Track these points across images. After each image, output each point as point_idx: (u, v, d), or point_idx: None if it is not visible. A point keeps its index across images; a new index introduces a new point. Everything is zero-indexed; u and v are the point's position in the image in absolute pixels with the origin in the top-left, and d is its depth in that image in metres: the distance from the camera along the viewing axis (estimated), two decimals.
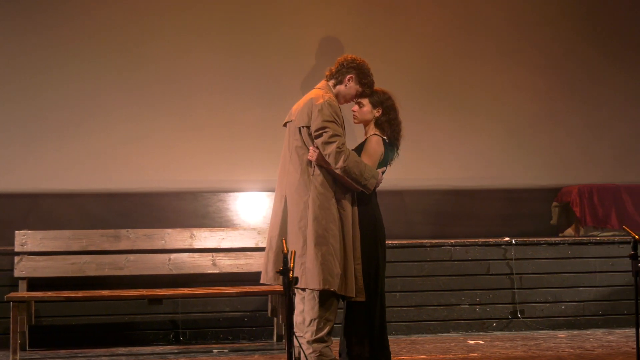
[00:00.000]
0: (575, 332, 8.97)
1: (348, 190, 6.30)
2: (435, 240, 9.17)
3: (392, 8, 10.82)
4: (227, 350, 8.14)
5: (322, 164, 6.23)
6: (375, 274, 6.39)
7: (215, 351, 8.12)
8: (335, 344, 6.56)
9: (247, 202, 10.38)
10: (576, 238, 9.84)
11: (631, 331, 8.50)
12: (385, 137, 6.54)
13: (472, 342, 8.43)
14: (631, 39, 11.33)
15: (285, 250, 5.30)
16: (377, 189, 6.50)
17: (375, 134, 6.53)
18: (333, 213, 6.19)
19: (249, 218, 10.33)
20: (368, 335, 6.37)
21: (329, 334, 6.28)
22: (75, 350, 8.17)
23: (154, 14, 10.28)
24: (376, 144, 6.48)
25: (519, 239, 9.23)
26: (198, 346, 8.39)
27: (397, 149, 6.63)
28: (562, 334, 8.86)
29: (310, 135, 6.25)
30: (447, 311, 8.97)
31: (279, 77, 10.39)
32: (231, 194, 10.34)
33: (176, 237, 8.51)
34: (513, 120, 11.02)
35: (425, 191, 10.72)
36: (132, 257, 8.41)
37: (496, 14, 11.07)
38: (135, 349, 8.24)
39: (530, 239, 9.33)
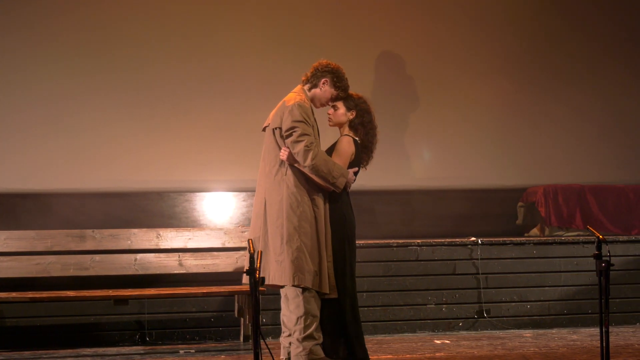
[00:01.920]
0: (541, 331, 9.01)
1: (321, 190, 6.44)
2: (402, 240, 9.18)
3: (364, 11, 10.84)
4: (193, 351, 8.10)
5: (292, 162, 6.39)
6: (343, 272, 6.46)
7: (181, 352, 8.08)
8: None
9: (213, 203, 10.36)
10: (541, 238, 9.88)
11: (595, 330, 8.56)
12: (357, 139, 6.62)
13: (438, 341, 8.44)
14: (596, 40, 11.45)
15: (252, 251, 5.32)
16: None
17: (346, 135, 6.65)
18: (305, 211, 6.34)
19: (216, 218, 10.33)
20: (343, 333, 6.45)
21: (317, 330, 6.37)
22: (40, 352, 8.09)
23: (126, 19, 10.29)
24: (347, 144, 6.60)
25: (484, 239, 9.26)
26: (164, 347, 8.34)
27: (372, 152, 6.74)
28: (527, 333, 8.90)
29: (282, 136, 6.41)
30: (414, 311, 8.98)
31: (245, 80, 10.42)
32: (198, 194, 10.34)
33: (142, 237, 8.46)
34: (479, 121, 11.12)
35: (391, 191, 10.75)
36: (97, 257, 8.35)
37: (465, 17, 11.15)
38: (100, 350, 8.18)
39: (496, 239, 9.36)
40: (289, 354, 6.57)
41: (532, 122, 11.22)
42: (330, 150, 6.63)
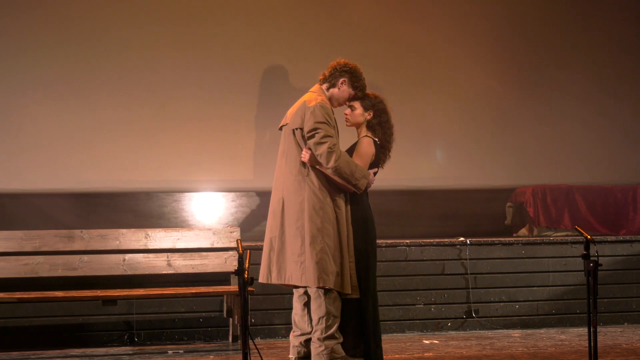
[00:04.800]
0: (529, 331, 9.03)
1: (342, 191, 6.48)
2: (391, 241, 9.18)
3: (351, 9, 10.86)
4: (182, 351, 8.09)
5: (314, 164, 6.39)
6: (366, 272, 6.50)
7: (170, 352, 8.07)
8: None
9: (202, 203, 10.34)
10: (530, 238, 9.89)
11: (584, 330, 8.57)
12: (376, 139, 6.67)
13: (427, 341, 8.45)
14: (576, 42, 11.49)
15: (241, 251, 5.33)
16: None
17: (366, 136, 6.67)
18: (328, 212, 6.37)
19: (205, 218, 10.31)
20: (362, 333, 6.47)
21: (338, 330, 6.40)
22: (28, 352, 8.07)
23: (102, 6, 10.17)
24: (367, 145, 6.62)
25: (473, 239, 9.27)
26: (153, 347, 8.33)
27: (389, 151, 6.80)
28: (516, 333, 8.92)
29: (303, 136, 6.42)
30: (403, 311, 8.99)
31: (234, 76, 10.36)
32: (186, 194, 10.29)
33: (131, 238, 8.45)
34: (467, 121, 11.10)
35: (380, 191, 10.68)
36: (86, 257, 8.33)
37: (452, 17, 11.15)
38: (89, 350, 8.16)
39: (484, 239, 9.37)
40: (298, 353, 6.59)
41: (521, 123, 11.21)
42: (350, 151, 6.65)
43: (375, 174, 6.67)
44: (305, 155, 6.39)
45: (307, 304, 6.59)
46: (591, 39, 11.56)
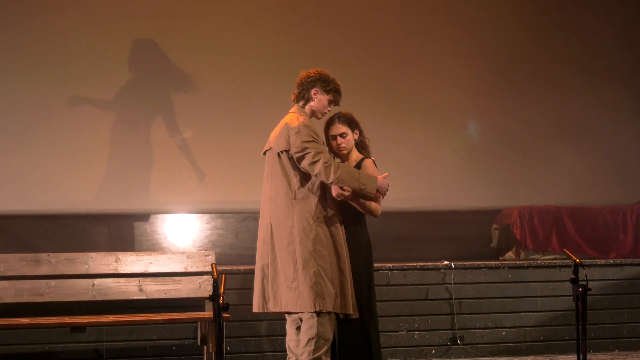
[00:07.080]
0: (516, 358, 8.95)
1: (335, 211, 6.40)
2: (373, 264, 9.01)
3: (328, 24, 10.91)
4: None
5: (344, 198, 6.31)
6: (369, 295, 6.49)
7: None
8: None
9: (175, 225, 10.31)
10: (517, 261, 9.85)
11: (573, 357, 8.45)
12: (373, 158, 6.68)
13: None
14: (562, 64, 11.54)
15: (215, 275, 5.38)
16: None
17: (367, 157, 6.66)
18: (319, 234, 6.31)
19: (178, 241, 10.31)
20: (365, 357, 6.44)
21: (327, 354, 6.32)
22: None
23: (76, 32, 10.23)
24: (372, 166, 6.62)
25: (458, 263, 9.19)
26: None
27: None
28: None
29: (290, 159, 6.38)
30: (385, 338, 8.80)
31: (205, 97, 10.41)
32: (159, 216, 10.34)
33: (100, 262, 8.27)
34: (451, 142, 11.18)
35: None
36: (53, 282, 8.15)
37: (439, 45, 11.18)
38: None
39: (469, 263, 9.30)
40: None
41: (506, 143, 11.30)
42: None
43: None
44: (342, 193, 6.27)
45: (300, 329, 6.48)
46: (580, 57, 11.65)
